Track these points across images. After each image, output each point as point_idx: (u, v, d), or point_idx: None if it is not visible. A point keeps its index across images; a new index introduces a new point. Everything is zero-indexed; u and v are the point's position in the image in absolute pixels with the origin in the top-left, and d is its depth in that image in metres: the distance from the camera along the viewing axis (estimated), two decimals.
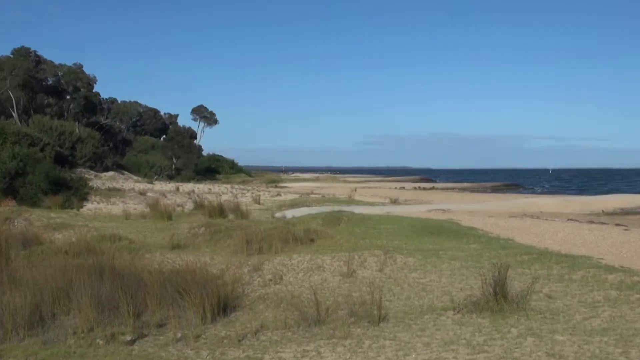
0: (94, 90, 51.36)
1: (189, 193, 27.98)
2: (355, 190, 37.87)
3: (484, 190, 48.93)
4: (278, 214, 16.17)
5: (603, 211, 21.46)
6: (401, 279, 7.10)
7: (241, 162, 76.30)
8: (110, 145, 54.89)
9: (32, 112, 45.50)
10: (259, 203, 23.17)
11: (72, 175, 24.52)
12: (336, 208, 17.01)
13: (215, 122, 69.64)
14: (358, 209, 17.62)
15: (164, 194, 25.05)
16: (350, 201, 24.32)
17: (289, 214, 15.97)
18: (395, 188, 47.40)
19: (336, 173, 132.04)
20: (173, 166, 53.06)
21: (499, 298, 5.32)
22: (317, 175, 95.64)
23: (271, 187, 42.83)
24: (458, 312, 5.33)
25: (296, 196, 28.86)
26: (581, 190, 46.98)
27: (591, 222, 16.22)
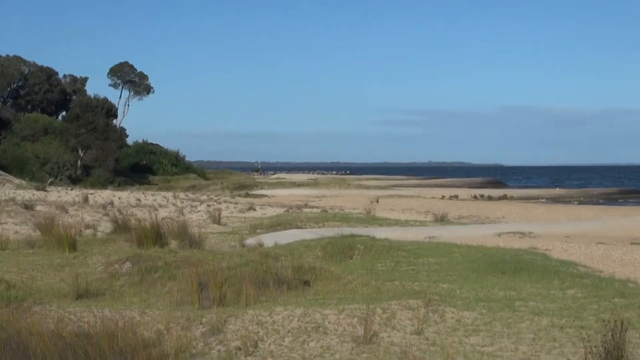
0: None
1: (104, 206, 27.96)
2: (377, 201, 37.85)
3: (588, 201, 49.07)
4: (251, 241, 16.20)
5: None
6: (453, 347, 7.10)
7: (191, 155, 76.72)
8: None
9: None
10: (219, 223, 23.19)
11: None
12: (346, 230, 17.03)
13: (148, 90, 69.98)
14: (381, 232, 17.61)
15: (64, 208, 25.06)
16: (368, 219, 24.34)
17: (269, 240, 15.99)
18: (443, 197, 47.36)
19: (345, 173, 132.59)
20: (79, 162, 53.17)
21: None
22: (314, 175, 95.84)
23: (240, 195, 42.84)
24: None
25: (280, 211, 28.86)
26: None
27: None
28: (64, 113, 67.06)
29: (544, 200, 49.61)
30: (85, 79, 73.26)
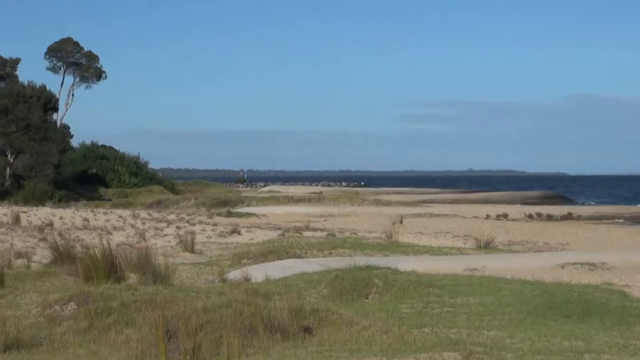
0: None
1: (41, 229, 28.00)
2: (401, 222, 37.84)
3: None
4: (234, 274, 16.19)
5: None
6: None
7: (156, 161, 77.01)
8: None
9: None
10: (192, 250, 23.20)
11: None
12: (360, 260, 16.98)
13: (99, 76, 70.22)
14: (407, 263, 17.61)
15: None
16: (390, 245, 24.33)
17: (258, 273, 15.98)
18: (488, 217, 47.31)
19: (359, 184, 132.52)
20: (8, 171, 53.21)
21: None
22: (318, 188, 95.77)
23: (220, 214, 42.79)
24: None
25: (273, 234, 28.84)
26: None
27: None
28: None
29: (621, 220, 49.47)
30: (16, 61, 73.43)
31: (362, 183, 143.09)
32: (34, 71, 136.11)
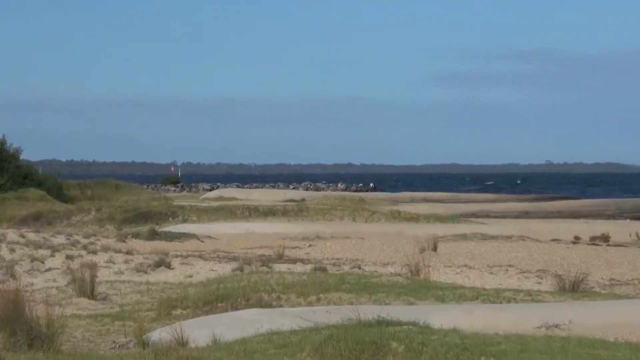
0: None
1: None
2: (435, 248, 37.98)
3: None
4: (160, 335, 16.24)
5: None
6: None
7: (33, 150, 76.78)
8: None
9: None
10: (92, 295, 23.24)
11: None
12: (367, 311, 17.05)
13: None
14: (444, 315, 17.89)
15: None
16: (415, 286, 24.41)
17: (200, 331, 16.20)
18: (576, 240, 47.57)
19: (366, 187, 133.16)
20: None
21: None
22: (299, 193, 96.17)
23: (137, 236, 42.85)
24: None
25: (225, 268, 28.92)
26: None
27: None
28: None
29: None
30: None
31: (371, 185, 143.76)
32: None
